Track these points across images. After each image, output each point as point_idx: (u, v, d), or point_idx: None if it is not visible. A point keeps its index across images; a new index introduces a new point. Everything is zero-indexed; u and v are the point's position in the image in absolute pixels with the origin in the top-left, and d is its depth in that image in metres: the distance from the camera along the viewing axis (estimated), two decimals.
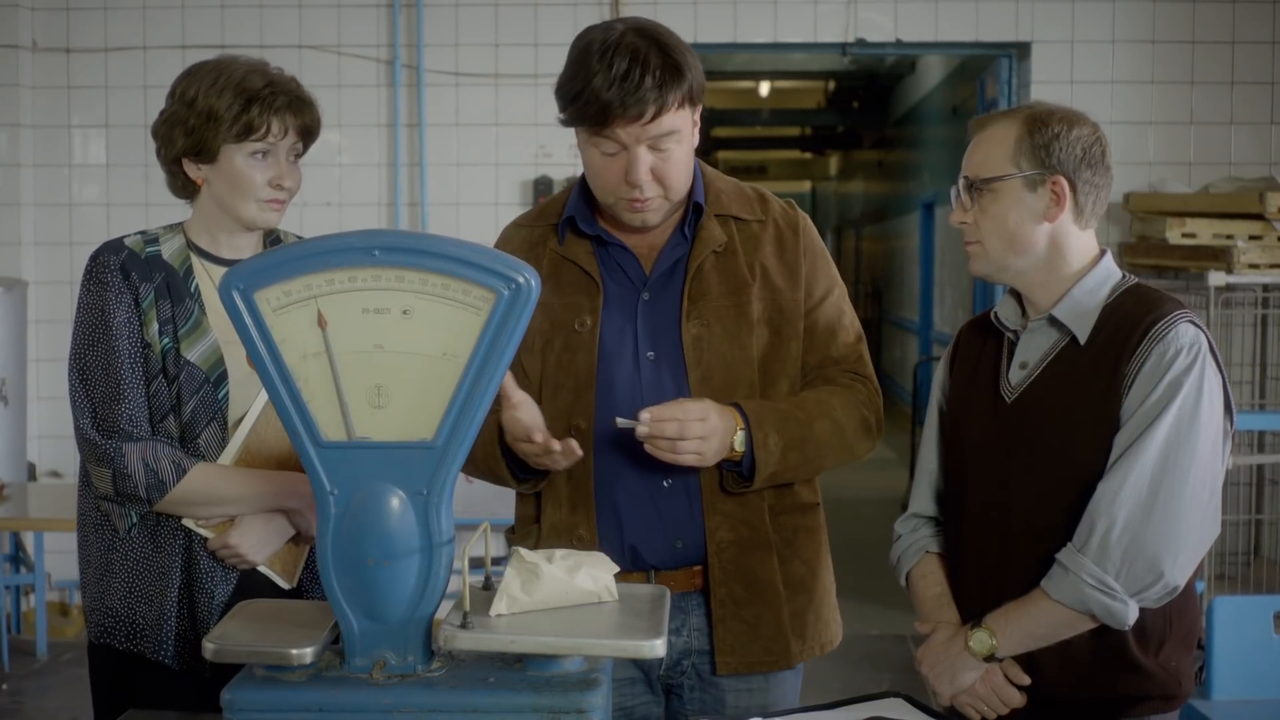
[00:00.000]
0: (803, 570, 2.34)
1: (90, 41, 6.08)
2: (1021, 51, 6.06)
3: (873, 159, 16.30)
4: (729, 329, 2.26)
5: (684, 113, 2.17)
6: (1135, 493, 1.99)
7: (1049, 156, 2.10)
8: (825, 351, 2.34)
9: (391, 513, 1.67)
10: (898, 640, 5.91)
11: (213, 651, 1.67)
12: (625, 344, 2.26)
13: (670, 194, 2.21)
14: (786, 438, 2.21)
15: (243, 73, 2.30)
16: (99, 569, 2.29)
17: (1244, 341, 5.79)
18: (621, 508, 2.25)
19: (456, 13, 6.00)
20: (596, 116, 2.13)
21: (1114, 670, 2.09)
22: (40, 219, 6.14)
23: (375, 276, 1.64)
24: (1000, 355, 2.22)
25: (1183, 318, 2.05)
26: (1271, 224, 5.21)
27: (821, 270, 2.36)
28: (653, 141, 2.15)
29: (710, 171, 2.37)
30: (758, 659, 2.28)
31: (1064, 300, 2.13)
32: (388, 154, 6.05)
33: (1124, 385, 2.04)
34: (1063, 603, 2.03)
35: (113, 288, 2.25)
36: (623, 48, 2.12)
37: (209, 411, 2.27)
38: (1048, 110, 2.14)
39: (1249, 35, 5.92)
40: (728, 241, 2.29)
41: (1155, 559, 1.99)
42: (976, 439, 2.20)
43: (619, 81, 2.10)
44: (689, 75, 2.15)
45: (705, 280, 2.27)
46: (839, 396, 2.30)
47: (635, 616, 1.72)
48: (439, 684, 1.67)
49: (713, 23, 6.00)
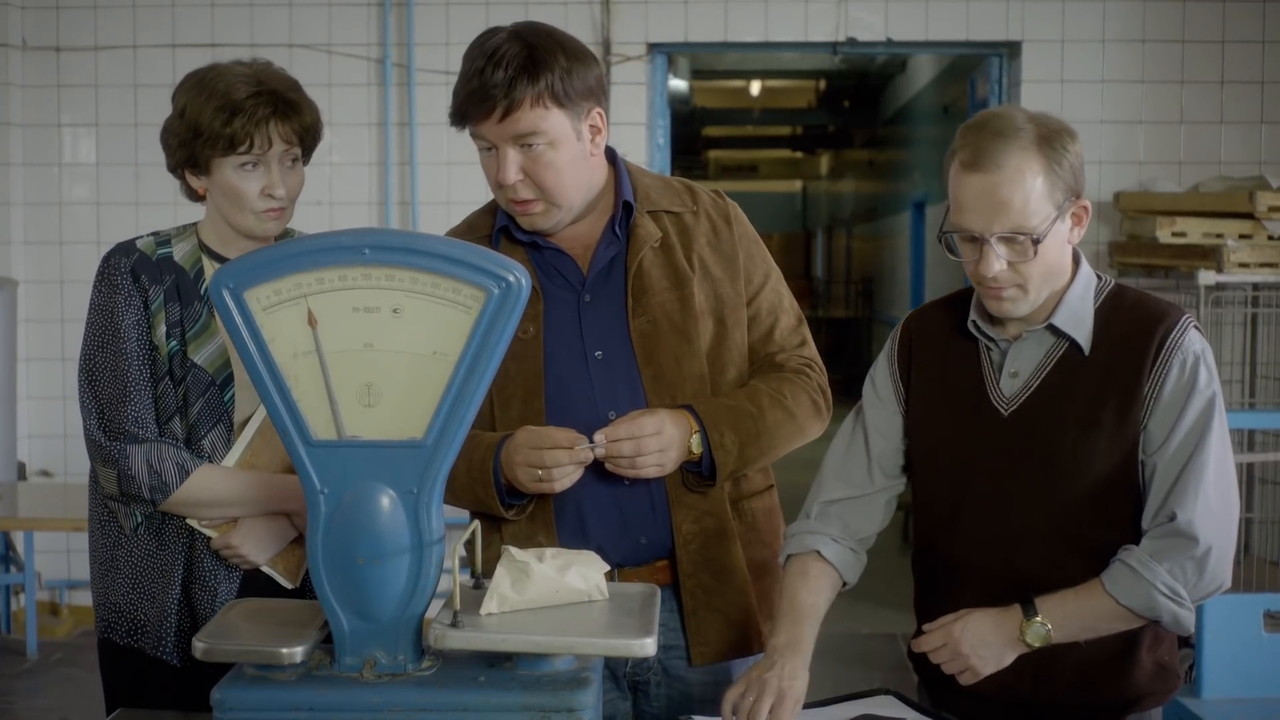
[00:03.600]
0: (765, 553, 2.37)
1: (80, 40, 6.06)
2: (1012, 51, 6.06)
3: (863, 158, 16.31)
4: (675, 323, 2.26)
5: (552, 114, 2.12)
6: (1219, 513, 2.03)
7: (1073, 180, 2.04)
8: (770, 337, 2.36)
9: (382, 512, 1.67)
10: (888, 639, 5.92)
11: (203, 650, 1.67)
12: (572, 346, 2.25)
13: (554, 199, 2.18)
14: (742, 434, 2.22)
15: (228, 83, 2.26)
16: (105, 565, 2.33)
17: (1234, 341, 5.80)
18: (584, 511, 2.25)
19: (447, 11, 5.99)
20: (455, 114, 2.16)
21: (1120, 676, 2.11)
22: (30, 218, 6.12)
23: (365, 275, 1.64)
24: (980, 364, 2.15)
25: (1189, 323, 2.06)
26: (1261, 223, 5.22)
27: (758, 257, 2.37)
28: (518, 141, 2.13)
29: (636, 169, 2.37)
30: (732, 645, 2.30)
31: (1060, 309, 2.08)
32: (378, 153, 6.04)
33: (1145, 399, 2.03)
34: (1131, 608, 2.01)
35: (122, 290, 2.26)
36: (487, 47, 2.12)
37: (215, 414, 2.28)
38: (1048, 127, 2.03)
39: (1239, 35, 5.93)
40: (663, 236, 2.29)
41: (1223, 569, 2.04)
42: (969, 454, 2.14)
43: (474, 78, 2.11)
44: (547, 74, 2.10)
45: (646, 277, 2.26)
46: (788, 383, 2.32)
47: (626, 615, 1.72)
48: (429, 683, 1.66)
49: (703, 22, 6.00)
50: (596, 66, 2.20)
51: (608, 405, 2.23)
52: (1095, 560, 2.06)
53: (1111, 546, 2.06)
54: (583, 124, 2.18)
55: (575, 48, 2.18)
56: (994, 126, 2.03)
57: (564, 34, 2.19)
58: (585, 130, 2.19)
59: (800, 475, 2.64)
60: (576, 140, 2.17)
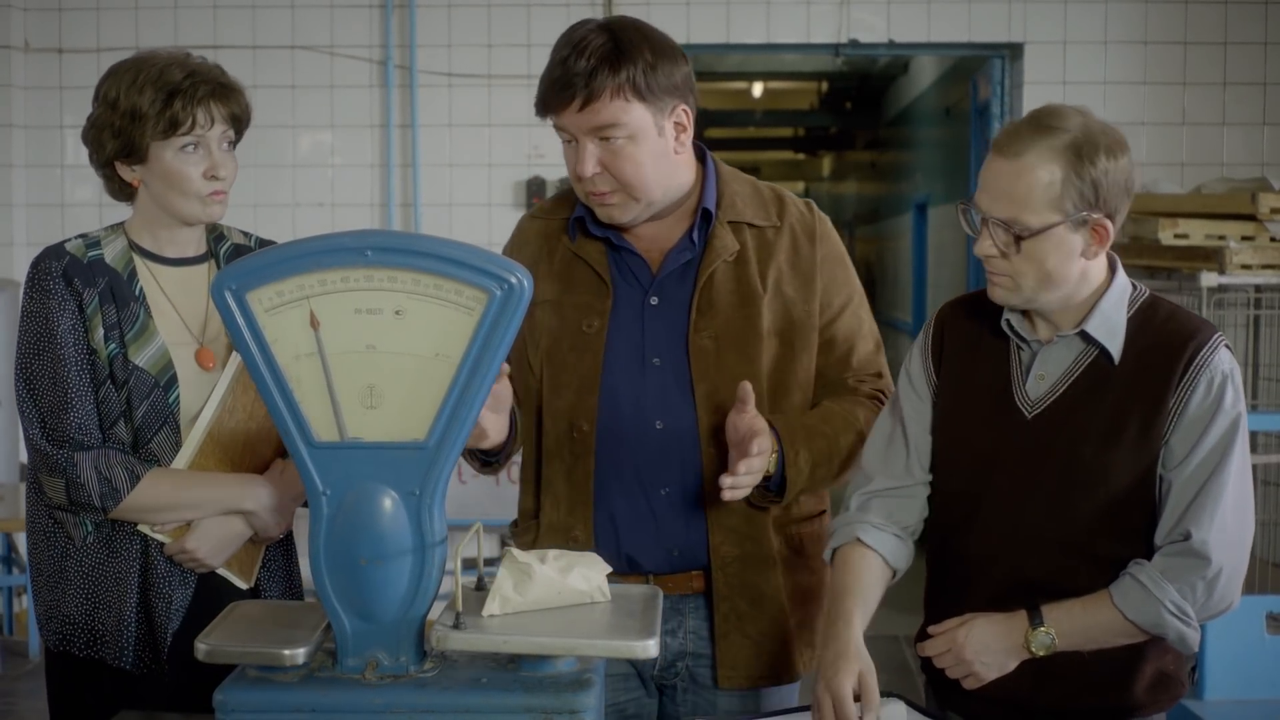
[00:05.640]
0: (810, 580, 2.33)
1: (83, 42, 6.06)
2: (1014, 52, 6.06)
3: (865, 160, 16.29)
4: (737, 342, 2.22)
5: (633, 107, 2.12)
6: (1233, 535, 2.02)
7: (1096, 197, 2.00)
8: (846, 363, 2.32)
9: (384, 513, 1.66)
10: (892, 641, 5.91)
11: (205, 652, 1.67)
12: (631, 349, 2.23)
13: (633, 193, 2.17)
14: (815, 454, 2.19)
15: (161, 66, 2.26)
16: (52, 577, 2.27)
17: (1236, 342, 5.79)
18: (617, 514, 2.24)
19: (449, 13, 5.99)
20: (539, 103, 2.16)
21: (1127, 683, 2.11)
22: (32, 220, 6.12)
23: (368, 277, 1.64)
24: (1009, 363, 2.14)
25: (1221, 342, 2.06)
26: (1264, 225, 5.21)
27: (840, 279, 2.33)
28: (597, 133, 2.13)
29: (727, 173, 2.33)
30: (761, 674, 2.28)
31: (1093, 316, 2.07)
32: (380, 155, 6.04)
33: (1169, 414, 2.03)
34: (1137, 623, 2.02)
35: (55, 295, 2.22)
36: (575, 37, 2.12)
37: (160, 416, 2.24)
38: (1091, 136, 2.00)
39: (1241, 36, 5.93)
40: (740, 250, 2.25)
41: (1232, 591, 2.04)
42: (990, 450, 2.13)
43: (557, 67, 2.11)
44: (629, 67, 2.10)
45: (715, 291, 2.23)
46: (863, 408, 2.29)
47: (628, 617, 1.72)
48: (431, 684, 1.66)
49: (705, 24, 6.00)
50: (685, 64, 2.19)
51: (656, 414, 2.21)
52: (1105, 571, 2.05)
53: (1122, 560, 2.05)
54: (666, 120, 2.17)
55: (663, 42, 2.17)
56: (1039, 119, 2.04)
57: (653, 29, 2.18)
58: (669, 126, 2.17)
59: None
60: (658, 136, 2.16)
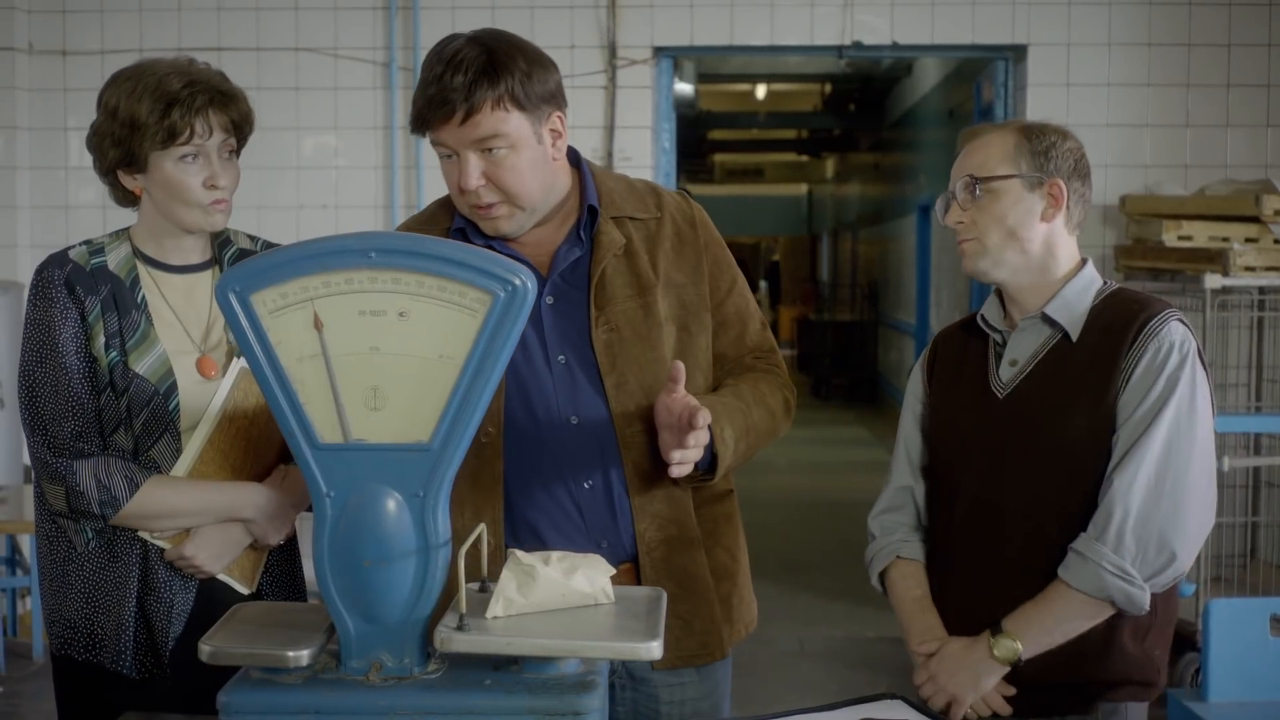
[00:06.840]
0: (725, 558, 2.37)
1: (86, 44, 6.07)
2: (1018, 54, 6.06)
3: (869, 162, 16.31)
4: (638, 331, 2.26)
5: (512, 117, 2.13)
6: (1146, 482, 2.09)
7: (1047, 162, 2.22)
8: (741, 341, 2.39)
9: (388, 515, 1.67)
10: (893, 643, 5.91)
11: (209, 654, 1.67)
12: (534, 349, 2.25)
13: (517, 202, 2.19)
14: (737, 429, 2.23)
15: (160, 75, 2.25)
16: (56, 581, 2.28)
17: (1239, 344, 5.80)
18: (540, 514, 2.25)
19: (453, 15, 5.99)
20: (415, 121, 2.17)
21: (1101, 656, 2.16)
22: (36, 221, 6.14)
23: (371, 279, 1.64)
24: (987, 356, 2.31)
25: (1173, 316, 2.17)
26: (1268, 226, 5.21)
27: (724, 262, 2.39)
28: (479, 145, 2.14)
29: (600, 172, 2.37)
30: (693, 653, 2.30)
31: (1055, 299, 2.23)
32: (384, 156, 6.05)
33: (1120, 378, 2.14)
34: (1083, 590, 2.11)
35: (58, 304, 2.23)
36: (446, 53, 2.13)
37: (160, 424, 2.24)
38: (1039, 123, 2.27)
39: (1245, 38, 5.93)
40: (627, 242, 2.29)
41: (1167, 543, 2.09)
42: (968, 433, 2.28)
43: (433, 84, 2.12)
44: (507, 78, 2.11)
45: (609, 284, 2.26)
46: (765, 383, 2.36)
47: (632, 618, 1.72)
48: (435, 686, 1.67)
49: (709, 25, 6.00)
50: (556, 72, 2.22)
51: (569, 410, 2.23)
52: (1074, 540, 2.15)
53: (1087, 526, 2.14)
54: (543, 127, 2.19)
55: (534, 53, 2.19)
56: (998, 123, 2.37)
57: (523, 40, 2.20)
58: (546, 134, 2.20)
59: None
60: (537, 144, 2.18)
